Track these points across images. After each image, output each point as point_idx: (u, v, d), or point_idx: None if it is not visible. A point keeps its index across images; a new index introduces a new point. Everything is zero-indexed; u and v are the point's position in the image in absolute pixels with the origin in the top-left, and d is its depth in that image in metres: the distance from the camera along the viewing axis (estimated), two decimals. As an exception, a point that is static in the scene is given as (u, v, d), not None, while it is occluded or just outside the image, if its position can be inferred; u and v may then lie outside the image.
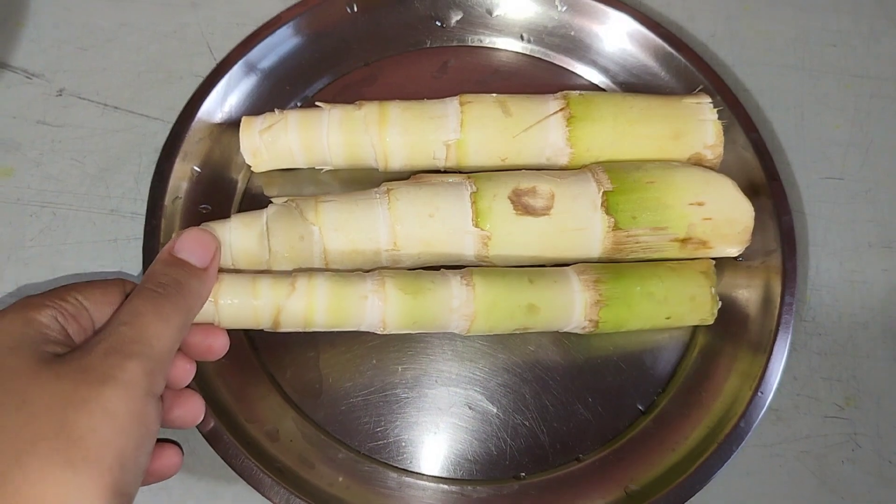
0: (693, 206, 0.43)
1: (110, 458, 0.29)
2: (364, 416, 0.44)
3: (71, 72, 0.53)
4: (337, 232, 0.42)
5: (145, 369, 0.31)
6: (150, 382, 0.31)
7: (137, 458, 0.30)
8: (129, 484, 0.29)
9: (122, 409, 0.30)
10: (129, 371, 0.31)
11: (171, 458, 0.36)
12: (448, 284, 0.41)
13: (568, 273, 0.43)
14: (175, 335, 0.34)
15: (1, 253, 0.47)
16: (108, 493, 0.28)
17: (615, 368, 0.45)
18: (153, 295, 0.34)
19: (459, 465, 0.43)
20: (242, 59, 0.49)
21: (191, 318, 0.36)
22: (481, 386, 0.45)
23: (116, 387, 0.30)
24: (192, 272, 0.36)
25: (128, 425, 0.30)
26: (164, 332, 0.33)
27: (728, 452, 0.41)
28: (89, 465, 0.28)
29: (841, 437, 0.45)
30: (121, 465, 0.29)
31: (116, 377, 0.30)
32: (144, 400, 0.31)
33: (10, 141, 0.50)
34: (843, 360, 0.47)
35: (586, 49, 0.53)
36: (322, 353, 0.45)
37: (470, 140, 0.45)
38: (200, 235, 0.38)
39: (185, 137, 0.47)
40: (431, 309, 0.41)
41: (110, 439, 0.29)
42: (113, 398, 0.30)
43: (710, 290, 0.43)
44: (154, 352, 0.32)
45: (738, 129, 0.48)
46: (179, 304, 0.35)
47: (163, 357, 0.33)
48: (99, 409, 0.29)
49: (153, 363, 0.32)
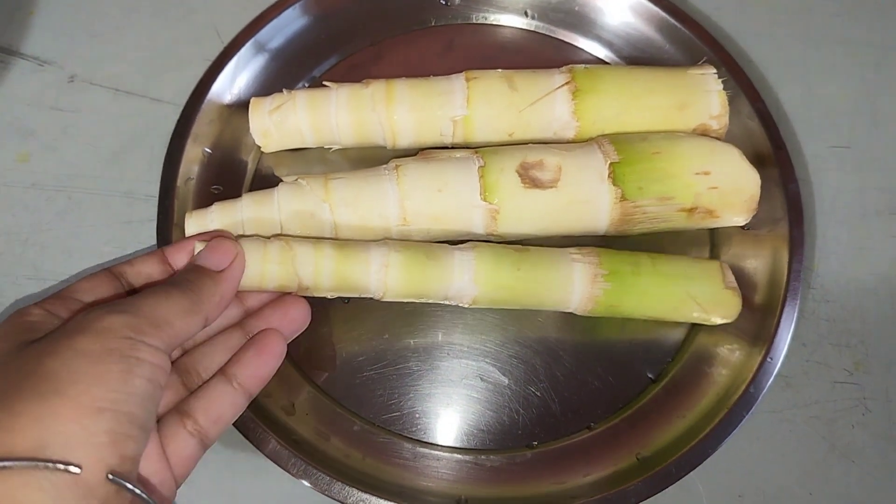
0: (699, 175, 0.43)
1: (85, 384, 0.29)
2: (378, 388, 0.44)
3: (82, 58, 0.54)
4: (347, 208, 0.43)
5: (126, 321, 0.31)
6: (134, 331, 0.31)
7: (127, 380, 0.30)
8: (118, 402, 0.30)
9: (96, 347, 0.30)
10: (107, 321, 0.31)
11: (296, 309, 0.40)
12: (450, 255, 0.42)
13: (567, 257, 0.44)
14: (174, 310, 0.34)
15: (18, 237, 0.48)
16: (87, 412, 0.29)
17: (624, 339, 0.46)
18: (160, 284, 0.36)
19: (473, 436, 0.44)
20: (250, 40, 0.49)
21: (201, 309, 0.36)
22: (493, 358, 0.45)
23: (88, 333, 0.31)
24: (205, 273, 0.37)
25: (107, 358, 0.30)
26: (158, 301, 0.34)
27: (738, 418, 0.41)
28: (60, 393, 0.29)
29: (850, 402, 0.46)
30: (103, 387, 0.29)
31: (91, 326, 0.31)
32: (128, 342, 0.31)
33: (25, 127, 0.51)
34: (851, 325, 0.48)
35: (590, 24, 0.53)
36: (336, 328, 0.46)
37: (477, 116, 0.46)
38: (220, 243, 0.39)
39: (195, 120, 0.47)
40: (433, 275, 0.42)
41: (83, 370, 0.29)
42: (83, 341, 0.30)
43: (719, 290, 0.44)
44: (141, 312, 0.32)
45: (743, 99, 0.48)
46: (184, 290, 0.35)
47: (155, 319, 0.33)
48: (72, 350, 0.30)
49: (137, 320, 0.32)
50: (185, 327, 0.34)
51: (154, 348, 0.32)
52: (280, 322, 0.40)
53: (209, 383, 0.38)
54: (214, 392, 0.37)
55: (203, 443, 0.36)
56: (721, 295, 0.44)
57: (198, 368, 0.38)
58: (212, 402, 0.37)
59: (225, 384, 0.37)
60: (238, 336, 0.40)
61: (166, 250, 0.40)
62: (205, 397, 0.37)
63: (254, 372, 0.38)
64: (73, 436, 0.28)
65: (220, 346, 0.39)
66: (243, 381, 0.38)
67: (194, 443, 0.36)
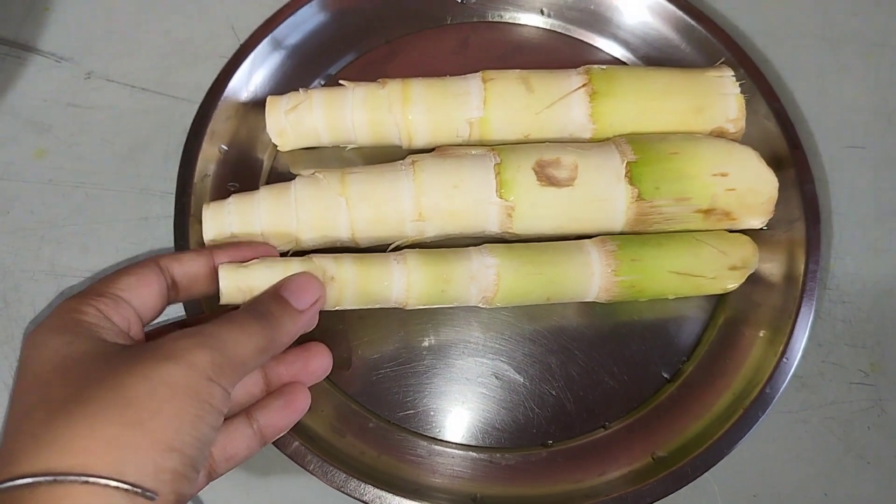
0: (716, 176, 0.43)
1: (166, 419, 0.29)
2: (393, 386, 0.45)
3: (99, 55, 0.54)
4: (363, 203, 0.43)
5: (213, 360, 0.31)
6: (215, 372, 0.31)
7: (197, 426, 0.30)
8: (186, 445, 0.30)
9: (181, 381, 0.30)
10: (196, 355, 0.31)
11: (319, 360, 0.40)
12: (469, 259, 0.42)
13: (585, 244, 0.44)
14: (251, 347, 0.34)
15: (36, 232, 0.48)
16: (161, 448, 0.29)
17: (639, 337, 0.46)
18: (244, 314, 0.35)
19: (488, 434, 0.44)
20: (267, 37, 0.50)
21: (274, 346, 0.36)
22: (507, 356, 0.45)
23: (180, 364, 0.31)
24: (287, 310, 0.37)
25: (187, 397, 0.30)
26: (239, 339, 0.33)
27: (754, 419, 0.41)
28: (143, 424, 0.29)
29: (866, 403, 0.46)
30: (178, 427, 0.29)
31: (182, 357, 0.31)
32: (207, 384, 0.31)
33: (42, 123, 0.51)
34: (867, 326, 0.48)
35: (607, 22, 0.53)
36: (351, 326, 0.46)
37: (493, 117, 0.46)
38: (309, 281, 0.39)
39: (212, 116, 0.47)
40: (453, 283, 0.42)
41: (166, 404, 0.29)
42: (174, 372, 0.30)
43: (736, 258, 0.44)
44: (225, 350, 0.32)
45: (759, 99, 0.48)
46: (265, 327, 0.35)
47: (233, 359, 0.33)
48: (158, 379, 0.30)
49: (222, 358, 0.32)
50: (256, 364, 0.35)
51: (224, 392, 0.32)
52: (301, 370, 0.40)
53: (231, 421, 0.38)
54: (235, 432, 0.37)
55: (210, 476, 0.36)
56: (731, 237, 0.45)
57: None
58: (230, 439, 0.37)
59: (246, 427, 0.38)
60: (255, 375, 0.40)
61: (215, 253, 0.40)
62: (224, 433, 0.37)
63: (276, 422, 0.38)
64: (144, 469, 0.28)
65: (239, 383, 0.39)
66: (263, 428, 0.38)
67: (202, 474, 0.36)
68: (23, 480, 0.27)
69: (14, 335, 0.46)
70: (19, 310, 0.46)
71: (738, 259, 0.44)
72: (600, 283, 0.43)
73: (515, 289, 0.42)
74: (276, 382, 0.40)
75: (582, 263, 0.43)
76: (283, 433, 0.39)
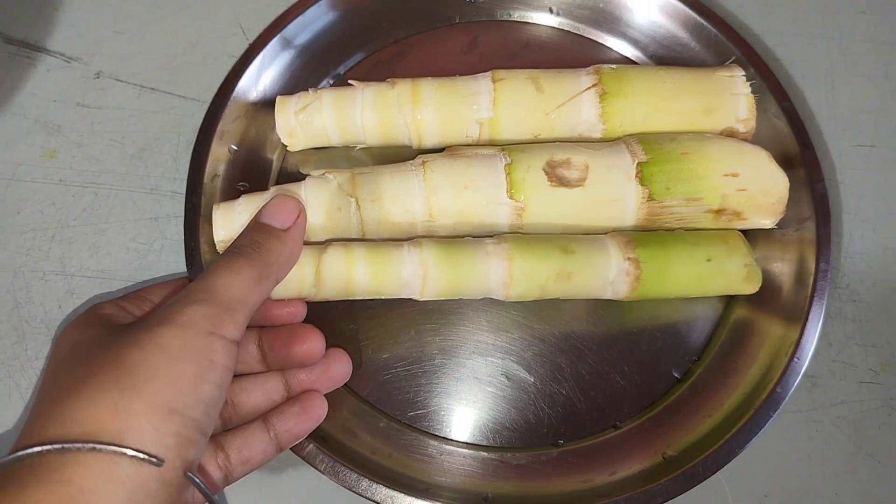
0: (727, 177, 0.43)
1: (162, 382, 0.30)
2: (404, 386, 0.45)
3: (108, 55, 0.54)
4: (373, 203, 0.43)
5: (206, 313, 0.32)
6: (212, 324, 0.32)
7: (198, 385, 0.31)
8: (187, 406, 0.30)
9: (175, 343, 0.31)
10: (187, 313, 0.32)
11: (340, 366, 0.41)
12: (485, 249, 0.42)
13: (604, 238, 0.44)
14: (246, 285, 0.34)
15: (46, 232, 0.49)
16: (160, 412, 0.29)
17: (650, 337, 0.46)
18: (228, 255, 0.36)
19: (498, 434, 0.44)
20: (276, 37, 0.49)
21: (270, 273, 0.36)
22: (517, 356, 0.45)
23: (171, 326, 0.31)
24: (271, 233, 0.37)
25: (183, 358, 0.31)
26: (232, 282, 0.34)
27: (764, 418, 0.41)
28: (138, 389, 0.29)
29: (877, 403, 0.46)
30: (176, 388, 0.30)
31: (173, 319, 0.32)
32: (206, 338, 0.31)
33: (52, 123, 0.51)
34: (878, 326, 0.47)
35: (616, 21, 0.53)
36: (361, 325, 0.46)
37: (503, 118, 0.46)
38: (283, 200, 0.39)
39: (221, 117, 0.47)
40: (469, 272, 0.42)
41: (161, 367, 0.30)
42: (165, 334, 0.31)
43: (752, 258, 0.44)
44: (219, 298, 0.33)
45: (769, 98, 0.48)
46: (255, 260, 0.35)
47: (230, 303, 0.33)
48: (150, 344, 0.31)
49: (217, 308, 0.32)
50: (259, 297, 0.35)
51: (227, 343, 0.32)
52: (321, 375, 0.41)
53: (248, 425, 0.38)
54: (252, 436, 0.38)
55: (226, 479, 0.37)
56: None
57: (234, 400, 0.39)
58: (247, 443, 0.37)
59: (263, 431, 0.38)
60: (276, 381, 0.40)
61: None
62: (241, 437, 0.38)
63: (293, 428, 0.39)
64: (146, 433, 0.29)
65: (259, 387, 0.40)
66: (280, 434, 0.38)
67: (219, 476, 0.37)
68: (32, 450, 0.28)
69: (25, 335, 0.46)
70: (30, 310, 0.46)
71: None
72: (617, 288, 0.43)
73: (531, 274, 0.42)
74: (297, 388, 0.40)
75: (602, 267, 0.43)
76: (299, 440, 0.39)
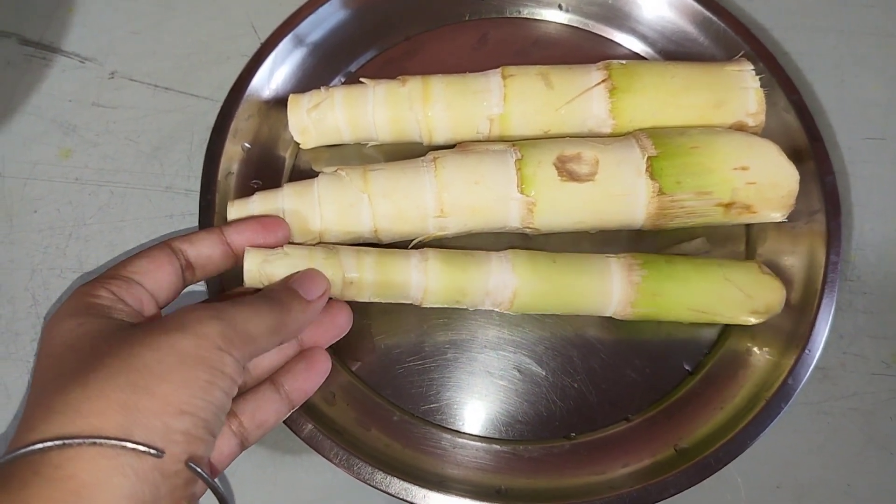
0: (737, 170, 0.43)
1: (175, 384, 0.30)
2: (416, 380, 0.45)
3: (122, 55, 0.54)
4: (385, 199, 0.43)
5: (222, 330, 0.32)
6: (225, 342, 0.32)
7: (209, 391, 0.31)
8: (198, 408, 0.31)
9: (190, 350, 0.31)
10: (205, 326, 0.32)
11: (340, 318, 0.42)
12: (489, 264, 0.43)
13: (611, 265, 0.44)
14: (261, 326, 0.35)
15: (63, 231, 0.49)
16: (171, 411, 0.30)
17: (661, 331, 0.46)
18: (253, 297, 0.37)
19: (510, 427, 0.44)
20: (288, 35, 0.50)
21: (283, 329, 0.36)
22: (529, 350, 0.46)
23: (188, 334, 0.32)
24: (297, 298, 0.38)
25: (197, 364, 0.31)
26: (251, 318, 0.34)
27: (776, 410, 0.42)
28: (151, 388, 0.30)
29: (888, 394, 0.46)
30: (189, 392, 0.31)
31: (191, 327, 0.32)
32: (218, 352, 0.32)
33: (67, 123, 0.52)
34: (888, 317, 0.48)
35: (625, 17, 0.53)
36: (374, 321, 0.46)
37: (513, 114, 0.46)
38: (315, 275, 0.40)
39: (234, 115, 0.48)
40: (470, 288, 0.42)
41: (176, 370, 0.31)
42: (183, 341, 0.31)
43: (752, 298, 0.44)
44: (235, 324, 0.33)
45: (778, 91, 0.48)
46: (275, 310, 0.36)
47: (243, 333, 0.34)
48: (168, 348, 0.31)
49: (232, 330, 0.33)
50: (266, 345, 0.36)
51: (236, 361, 0.33)
52: (329, 327, 0.42)
53: (258, 388, 0.39)
54: (263, 398, 0.38)
55: (243, 444, 0.37)
56: (761, 280, 0.44)
57: (248, 365, 0.39)
58: (259, 406, 0.38)
59: (273, 392, 0.39)
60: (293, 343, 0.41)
61: (225, 230, 0.40)
62: (253, 401, 0.38)
63: (301, 385, 0.39)
64: (154, 430, 0.29)
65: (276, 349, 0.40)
66: (290, 392, 0.39)
67: (235, 442, 0.37)
68: (33, 447, 0.28)
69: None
70: (48, 307, 0.47)
71: (763, 305, 0.44)
72: (616, 310, 0.44)
73: (531, 305, 0.44)
74: (309, 342, 0.41)
75: (602, 292, 0.43)
76: (309, 396, 0.40)
